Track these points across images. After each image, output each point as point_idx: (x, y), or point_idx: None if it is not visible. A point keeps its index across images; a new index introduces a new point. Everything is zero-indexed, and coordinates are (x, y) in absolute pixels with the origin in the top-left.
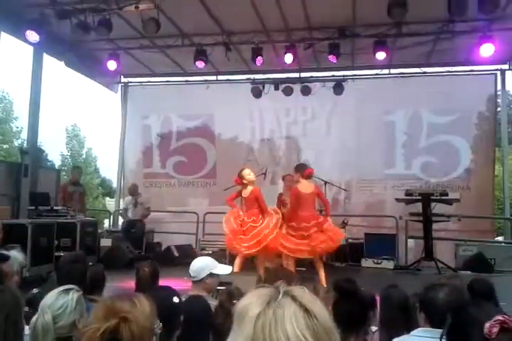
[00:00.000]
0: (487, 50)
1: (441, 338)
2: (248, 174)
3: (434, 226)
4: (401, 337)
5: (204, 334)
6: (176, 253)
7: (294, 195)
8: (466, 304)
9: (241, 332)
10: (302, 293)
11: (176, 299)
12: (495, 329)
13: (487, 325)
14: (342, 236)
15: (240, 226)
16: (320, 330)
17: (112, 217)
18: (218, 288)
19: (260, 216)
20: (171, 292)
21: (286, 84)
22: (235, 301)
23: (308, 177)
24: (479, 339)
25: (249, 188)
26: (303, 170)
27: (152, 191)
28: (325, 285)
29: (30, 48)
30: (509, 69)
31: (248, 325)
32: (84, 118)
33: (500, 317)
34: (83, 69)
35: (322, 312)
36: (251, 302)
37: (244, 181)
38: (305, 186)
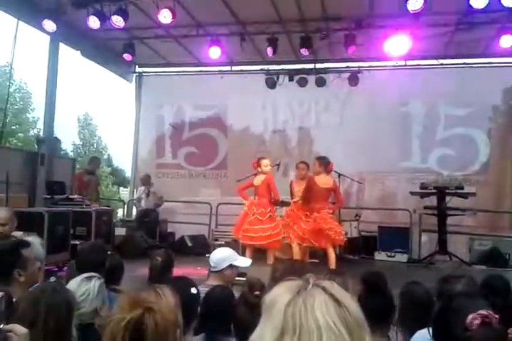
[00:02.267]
0: (506, 41)
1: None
2: (266, 165)
3: (449, 220)
4: (422, 332)
5: (227, 325)
6: (190, 243)
7: (309, 186)
8: (458, 294)
9: (271, 320)
10: (332, 285)
11: (193, 290)
12: (476, 321)
13: (470, 316)
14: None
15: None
16: (351, 321)
17: (125, 206)
18: (237, 278)
19: (269, 208)
20: (188, 282)
21: (301, 76)
22: (256, 292)
23: (330, 171)
24: (460, 328)
25: (262, 176)
26: (328, 164)
27: (164, 181)
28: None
29: (47, 38)
30: None
31: (278, 313)
32: (97, 108)
33: (484, 312)
34: (98, 58)
35: (353, 304)
36: (280, 293)
37: (259, 169)
38: (323, 180)
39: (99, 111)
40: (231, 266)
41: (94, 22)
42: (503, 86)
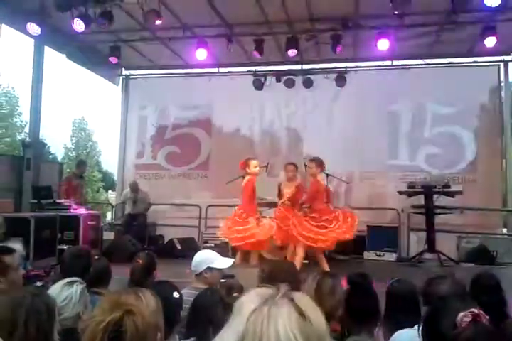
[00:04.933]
0: (490, 40)
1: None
2: (255, 166)
3: (437, 219)
4: (404, 330)
5: (206, 328)
6: (179, 246)
7: (317, 188)
8: (447, 295)
9: (234, 325)
10: (301, 297)
11: (176, 294)
12: (466, 319)
13: (461, 314)
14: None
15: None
16: (312, 334)
17: (114, 210)
18: (222, 280)
19: (247, 210)
20: (170, 287)
21: (288, 77)
22: (235, 294)
23: (322, 171)
24: (450, 326)
25: (247, 178)
26: (323, 164)
27: (149, 183)
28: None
29: (32, 41)
30: None
31: (241, 320)
32: (91, 112)
33: (475, 310)
34: (84, 61)
35: (318, 317)
36: (249, 300)
37: (248, 170)
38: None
39: (94, 115)
40: (209, 268)
41: (78, 25)
42: (489, 85)
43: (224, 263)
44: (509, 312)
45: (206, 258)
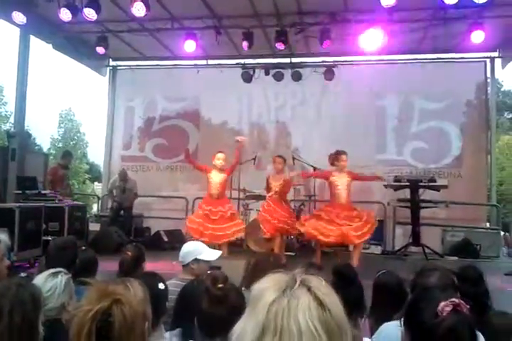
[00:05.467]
0: (477, 36)
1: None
2: (218, 159)
3: (422, 212)
4: (390, 323)
5: (192, 318)
6: (166, 238)
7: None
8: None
9: (254, 316)
10: (319, 284)
11: (161, 285)
12: (447, 308)
13: (442, 303)
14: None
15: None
16: (332, 323)
17: (100, 201)
18: (209, 272)
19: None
20: (156, 278)
21: (277, 70)
22: (219, 285)
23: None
24: (431, 315)
25: (220, 174)
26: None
27: (136, 175)
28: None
29: (17, 30)
30: (499, 57)
31: (261, 310)
32: (78, 103)
33: (456, 300)
34: (71, 52)
35: (336, 305)
36: (267, 287)
37: (214, 163)
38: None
39: (81, 105)
40: (196, 259)
41: (65, 14)
42: (476, 81)
43: (211, 255)
44: (492, 303)
45: (194, 250)
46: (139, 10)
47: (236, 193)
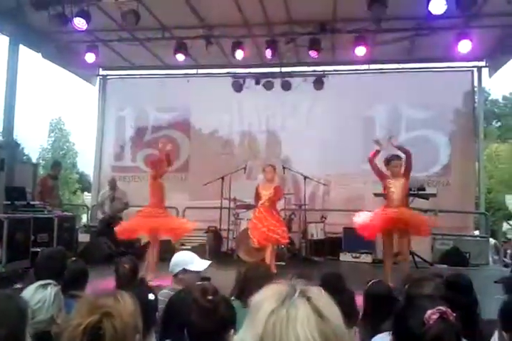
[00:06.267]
0: (464, 46)
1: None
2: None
3: None
4: (382, 334)
5: (181, 330)
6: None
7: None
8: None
9: (253, 327)
10: (318, 294)
11: (151, 296)
12: (434, 317)
13: (429, 311)
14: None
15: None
16: (330, 334)
17: (89, 212)
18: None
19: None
20: (145, 288)
21: (267, 79)
22: (209, 297)
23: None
24: (417, 324)
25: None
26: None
27: (127, 185)
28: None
29: (6, 39)
30: (485, 67)
31: (260, 321)
32: (68, 112)
33: (442, 308)
34: (61, 61)
35: (336, 316)
36: (266, 298)
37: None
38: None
39: (71, 115)
40: (185, 270)
41: (55, 24)
42: (464, 90)
43: (200, 265)
44: (480, 311)
45: (182, 260)
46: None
47: (227, 202)
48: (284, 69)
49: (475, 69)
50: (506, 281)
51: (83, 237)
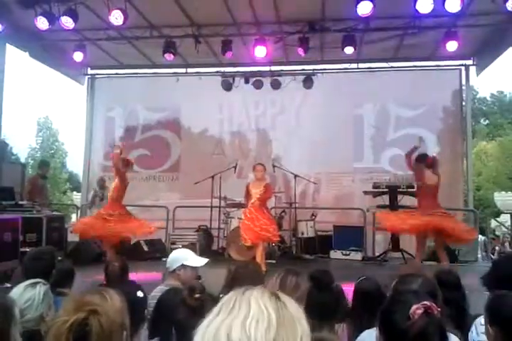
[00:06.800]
0: (452, 45)
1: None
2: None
3: None
4: (370, 330)
5: (169, 328)
6: (146, 248)
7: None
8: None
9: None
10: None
11: (140, 293)
12: (419, 311)
13: (414, 306)
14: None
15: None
16: (285, 314)
17: (79, 211)
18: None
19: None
20: (135, 286)
21: (257, 78)
22: (196, 295)
23: (431, 166)
24: (402, 319)
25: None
26: (426, 159)
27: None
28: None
29: None
30: (473, 65)
31: (218, 303)
32: (56, 111)
33: (427, 303)
34: (48, 60)
35: (293, 304)
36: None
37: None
38: (430, 176)
39: (59, 114)
40: (183, 266)
41: (42, 23)
42: (452, 88)
43: (198, 261)
44: (469, 307)
45: (181, 256)
46: (117, 18)
47: (217, 201)
48: (274, 68)
49: (463, 68)
50: (485, 278)
51: (73, 237)
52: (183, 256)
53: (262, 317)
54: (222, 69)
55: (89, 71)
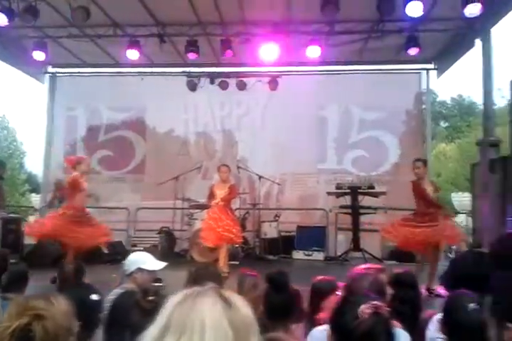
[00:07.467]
0: (413, 49)
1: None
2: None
3: (363, 218)
4: (321, 327)
5: (123, 331)
6: (106, 251)
7: (419, 192)
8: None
9: (158, 319)
10: (226, 290)
11: (94, 296)
12: (367, 311)
13: (363, 306)
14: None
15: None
16: (238, 321)
17: (38, 213)
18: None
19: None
20: (89, 289)
21: (222, 79)
22: (150, 298)
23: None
24: (351, 318)
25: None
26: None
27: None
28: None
29: None
30: (434, 69)
31: (165, 312)
32: (14, 110)
33: (376, 302)
34: (8, 57)
35: (243, 306)
36: (175, 296)
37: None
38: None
39: (16, 114)
40: (140, 269)
41: (1, 19)
42: (414, 92)
43: (155, 265)
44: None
45: (138, 259)
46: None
47: (180, 203)
48: (239, 69)
49: (424, 72)
50: (443, 277)
51: (30, 239)
52: (141, 260)
53: (218, 334)
54: (187, 69)
55: (50, 69)
